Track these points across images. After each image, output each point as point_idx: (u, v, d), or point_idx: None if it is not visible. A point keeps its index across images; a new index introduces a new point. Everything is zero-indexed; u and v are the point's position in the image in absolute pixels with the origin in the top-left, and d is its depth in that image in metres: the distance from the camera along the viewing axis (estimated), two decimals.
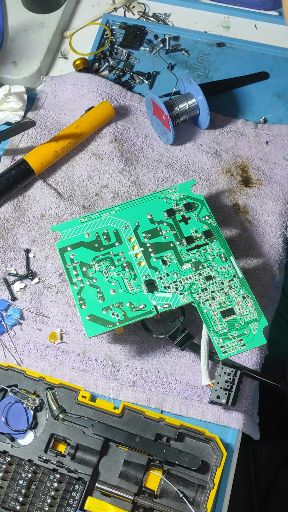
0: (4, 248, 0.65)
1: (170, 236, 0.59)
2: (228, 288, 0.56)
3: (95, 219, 0.59)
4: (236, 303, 0.55)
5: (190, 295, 0.56)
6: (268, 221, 0.68)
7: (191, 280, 0.56)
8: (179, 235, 0.59)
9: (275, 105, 0.77)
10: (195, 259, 0.57)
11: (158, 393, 0.59)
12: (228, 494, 0.56)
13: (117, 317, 0.55)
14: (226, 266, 0.57)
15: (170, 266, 0.57)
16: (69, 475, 0.55)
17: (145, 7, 0.86)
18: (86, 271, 0.57)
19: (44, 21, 0.80)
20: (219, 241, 0.58)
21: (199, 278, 0.56)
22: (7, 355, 0.61)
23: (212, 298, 0.55)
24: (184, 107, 0.71)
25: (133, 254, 0.58)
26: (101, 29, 0.82)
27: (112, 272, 0.57)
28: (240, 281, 0.56)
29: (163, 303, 0.55)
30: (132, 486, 0.54)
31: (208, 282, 0.56)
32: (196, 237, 0.58)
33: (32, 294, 0.63)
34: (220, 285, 0.56)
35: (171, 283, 0.56)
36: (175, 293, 0.56)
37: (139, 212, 0.60)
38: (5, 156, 0.71)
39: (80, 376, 0.60)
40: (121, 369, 0.60)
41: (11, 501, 0.54)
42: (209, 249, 0.58)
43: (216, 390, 0.56)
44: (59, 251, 0.58)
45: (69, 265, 0.57)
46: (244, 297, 0.55)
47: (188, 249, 0.58)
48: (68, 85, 0.76)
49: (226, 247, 0.58)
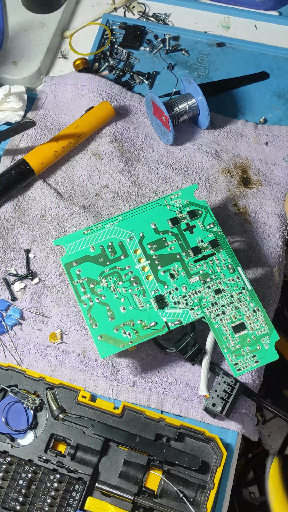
0: (4, 248, 0.65)
1: (176, 247, 0.58)
2: (238, 301, 0.56)
3: (99, 231, 0.59)
4: (247, 317, 0.55)
5: (201, 310, 0.56)
6: (268, 222, 0.68)
7: (200, 294, 0.56)
8: (185, 245, 0.58)
9: (275, 105, 0.77)
10: (202, 271, 0.57)
11: (158, 393, 0.59)
12: (228, 494, 0.56)
13: (129, 336, 0.55)
14: (234, 277, 0.57)
15: (178, 280, 0.57)
16: (69, 475, 0.55)
17: (145, 7, 0.86)
18: (94, 288, 0.57)
19: (44, 21, 0.80)
20: (226, 250, 0.58)
21: (208, 292, 0.56)
22: (7, 355, 0.61)
23: (223, 313, 0.55)
24: (184, 107, 0.71)
25: (140, 268, 0.57)
26: (101, 29, 0.82)
27: (120, 288, 0.57)
28: (250, 293, 0.56)
29: (174, 320, 0.55)
30: (132, 486, 0.54)
31: (218, 296, 0.56)
32: (202, 247, 0.58)
33: (32, 294, 0.63)
34: (230, 299, 0.56)
35: (180, 297, 0.56)
36: (185, 309, 0.56)
37: (143, 221, 0.59)
38: (5, 156, 0.71)
39: (80, 376, 0.60)
40: (121, 369, 0.60)
41: (11, 501, 0.54)
42: (216, 260, 0.58)
43: (213, 398, 0.56)
44: (64, 266, 0.58)
45: (76, 282, 0.57)
46: (255, 310, 0.55)
47: (195, 261, 0.58)
48: (68, 85, 0.76)
49: (233, 257, 0.58)
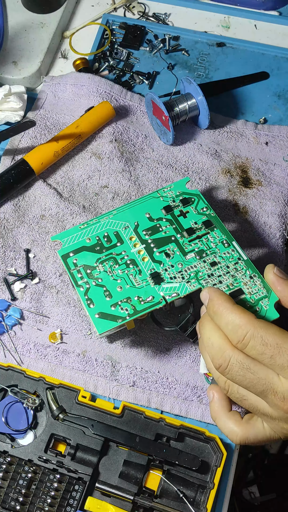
0: (4, 248, 0.65)
1: (171, 230, 0.59)
2: (234, 270, 0.56)
3: (94, 224, 0.59)
4: (244, 283, 0.55)
5: (197, 282, 0.56)
6: (268, 222, 0.68)
7: (196, 268, 0.56)
8: (179, 228, 0.59)
9: (275, 105, 0.77)
10: (198, 248, 0.57)
11: (158, 393, 0.59)
12: (228, 494, 0.56)
13: (126, 311, 0.55)
14: (230, 250, 0.57)
15: (174, 258, 0.57)
16: (69, 475, 0.55)
17: (145, 7, 0.86)
18: (91, 273, 0.57)
19: (44, 21, 0.80)
20: (220, 228, 0.58)
21: (204, 265, 0.56)
22: (7, 355, 0.61)
23: (220, 282, 0.55)
24: (184, 107, 0.71)
25: (136, 251, 0.58)
26: (101, 29, 0.82)
27: (116, 270, 0.57)
28: (246, 262, 0.56)
29: (171, 293, 0.55)
30: (132, 486, 0.54)
31: (214, 268, 0.56)
32: (196, 228, 0.58)
33: (32, 294, 0.63)
34: (226, 269, 0.56)
35: (176, 273, 0.56)
36: (182, 282, 0.56)
37: (137, 212, 0.60)
38: (5, 156, 0.71)
39: (80, 376, 0.60)
40: (121, 369, 0.60)
41: (11, 501, 0.54)
42: (210, 238, 0.58)
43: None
44: (61, 258, 0.58)
45: (73, 269, 0.57)
46: (251, 276, 0.55)
47: (189, 240, 0.58)
48: (68, 85, 0.76)
49: (228, 234, 0.58)
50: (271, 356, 0.44)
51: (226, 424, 0.50)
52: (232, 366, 0.46)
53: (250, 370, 0.45)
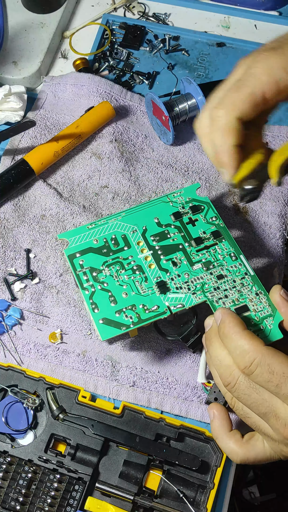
0: (4, 248, 0.65)
1: (179, 238, 0.58)
2: (241, 286, 0.56)
3: (102, 225, 0.59)
4: (250, 300, 0.55)
5: (203, 294, 0.55)
6: (268, 222, 0.68)
7: (202, 280, 0.56)
8: (188, 236, 0.58)
9: None
10: (205, 259, 0.57)
11: (158, 393, 0.59)
12: (228, 494, 0.56)
13: (130, 319, 0.55)
14: (237, 264, 0.57)
15: (180, 267, 0.57)
16: (69, 475, 0.55)
17: (145, 7, 0.86)
18: (97, 276, 0.57)
19: (44, 21, 0.80)
20: (228, 240, 0.58)
21: (211, 278, 0.56)
22: (7, 355, 0.61)
23: (225, 296, 0.55)
24: (184, 107, 0.71)
25: (143, 258, 0.57)
26: (101, 29, 0.82)
27: (122, 275, 0.57)
28: (252, 278, 0.56)
29: (176, 303, 0.55)
30: (132, 486, 0.54)
31: (220, 281, 0.56)
32: (205, 238, 0.58)
33: (32, 294, 0.63)
34: (232, 283, 0.56)
35: (183, 283, 0.56)
36: (187, 293, 0.56)
37: (146, 216, 0.60)
38: (5, 156, 0.71)
39: (80, 376, 0.60)
40: (121, 369, 0.60)
41: (11, 501, 0.54)
42: (218, 249, 0.58)
43: (215, 392, 0.56)
44: (68, 257, 0.58)
45: (79, 271, 0.57)
46: (257, 293, 0.55)
47: (197, 250, 0.58)
48: (68, 85, 0.76)
49: (236, 246, 0.58)
50: (277, 384, 0.44)
51: (227, 444, 0.50)
52: (239, 385, 0.47)
53: (256, 391, 0.46)
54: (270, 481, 1.13)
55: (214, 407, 0.52)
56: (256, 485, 1.13)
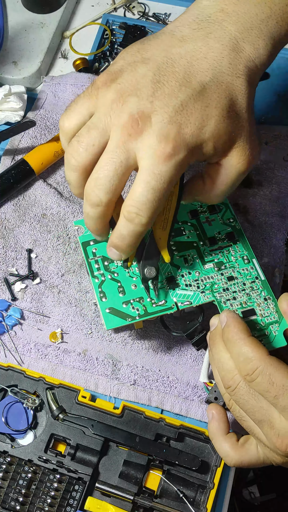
0: (5, 248, 0.65)
1: (193, 236, 0.59)
2: (250, 289, 0.56)
3: None
4: (258, 304, 0.55)
5: (212, 294, 0.56)
6: (268, 222, 0.68)
7: (212, 280, 0.56)
8: (202, 235, 0.59)
9: (275, 105, 0.77)
10: (217, 259, 0.57)
11: (159, 392, 0.59)
12: (228, 494, 0.56)
13: (137, 311, 0.55)
14: (249, 268, 0.57)
15: (192, 265, 0.57)
16: (69, 475, 0.55)
17: (145, 7, 0.86)
18: (108, 265, 0.57)
19: (44, 21, 0.80)
20: (243, 243, 0.58)
21: (221, 278, 0.56)
22: (7, 355, 0.61)
23: (234, 298, 0.55)
24: None
25: None
26: (101, 29, 0.82)
27: (134, 267, 0.57)
28: (262, 283, 0.56)
29: (184, 300, 0.55)
30: (132, 486, 0.54)
31: (230, 283, 0.56)
32: (219, 239, 0.58)
33: (33, 295, 0.63)
34: (242, 286, 0.56)
35: (192, 281, 0.56)
36: (196, 291, 0.56)
37: None
38: (5, 156, 0.71)
39: (81, 375, 0.60)
40: (122, 368, 0.60)
41: (11, 501, 0.54)
42: (232, 251, 0.58)
43: (216, 391, 0.56)
44: (81, 244, 0.58)
45: (91, 259, 0.57)
46: (266, 298, 0.55)
47: (211, 250, 0.58)
48: (68, 85, 0.76)
49: (250, 250, 0.58)
50: (275, 395, 0.44)
51: (223, 446, 0.50)
52: (238, 390, 0.47)
53: (255, 398, 0.46)
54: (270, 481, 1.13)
55: (213, 408, 0.52)
56: (256, 485, 1.13)
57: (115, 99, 0.44)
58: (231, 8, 0.46)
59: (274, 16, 0.47)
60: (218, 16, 0.46)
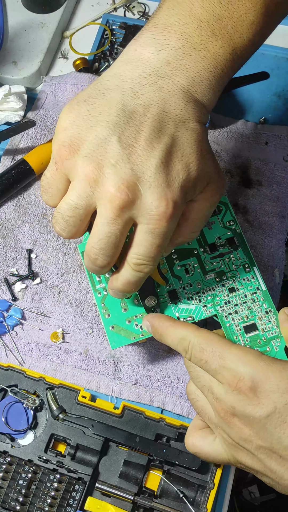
0: (5, 249, 0.65)
1: (194, 242, 0.58)
2: (251, 301, 0.55)
3: None
4: (259, 318, 0.55)
5: (213, 308, 0.55)
6: (268, 222, 0.68)
7: (214, 292, 0.56)
8: (203, 241, 0.58)
9: (275, 105, 0.77)
10: (218, 268, 0.57)
11: (161, 391, 0.59)
12: (228, 494, 0.56)
13: (140, 329, 0.55)
14: (250, 277, 0.56)
15: (193, 276, 0.57)
16: (69, 475, 0.55)
17: (145, 7, 0.86)
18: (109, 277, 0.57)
19: (44, 21, 0.80)
20: (243, 249, 0.57)
21: (223, 290, 0.56)
22: (9, 355, 0.61)
23: (235, 312, 0.55)
24: None
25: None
26: (101, 29, 0.82)
27: None
28: (263, 294, 0.55)
29: (186, 316, 0.55)
30: (132, 486, 0.54)
31: (231, 295, 0.56)
32: (220, 245, 0.58)
33: (33, 295, 0.63)
34: (243, 298, 0.55)
35: (194, 294, 0.56)
36: (198, 305, 0.55)
37: None
38: (5, 156, 0.71)
39: (82, 375, 0.60)
40: (124, 367, 0.60)
41: (11, 501, 0.54)
42: (232, 258, 0.57)
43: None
44: (81, 254, 0.58)
45: None
46: (267, 311, 0.55)
47: (211, 258, 0.57)
48: (68, 85, 0.76)
49: (250, 256, 0.57)
50: (206, 361, 0.47)
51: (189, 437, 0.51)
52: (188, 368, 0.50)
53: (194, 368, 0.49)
54: None
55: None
56: (256, 485, 1.13)
57: (89, 173, 0.43)
58: (177, 62, 0.46)
59: (220, 67, 0.48)
60: (166, 71, 0.46)
